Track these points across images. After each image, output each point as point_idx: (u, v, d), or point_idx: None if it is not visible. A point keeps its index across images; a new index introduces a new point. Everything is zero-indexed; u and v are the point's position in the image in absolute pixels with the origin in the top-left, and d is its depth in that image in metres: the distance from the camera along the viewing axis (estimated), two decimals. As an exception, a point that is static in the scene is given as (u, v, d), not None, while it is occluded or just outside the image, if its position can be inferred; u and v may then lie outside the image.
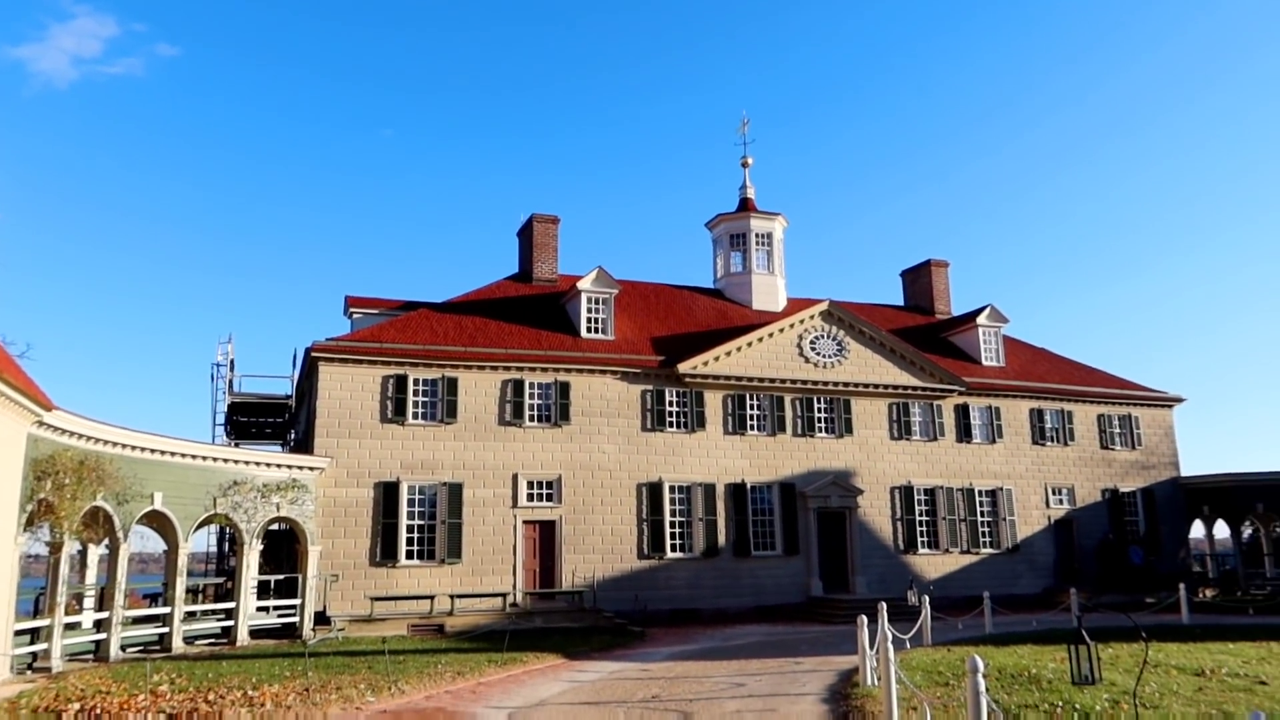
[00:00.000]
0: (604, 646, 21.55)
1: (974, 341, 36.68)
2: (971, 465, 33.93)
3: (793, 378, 31.60)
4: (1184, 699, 12.72)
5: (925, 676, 14.95)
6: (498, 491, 27.52)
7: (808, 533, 30.96)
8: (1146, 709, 11.99)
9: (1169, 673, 15.12)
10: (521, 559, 27.48)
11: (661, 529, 29.09)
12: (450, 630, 24.47)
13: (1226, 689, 13.55)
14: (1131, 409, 37.33)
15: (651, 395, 29.88)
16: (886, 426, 32.94)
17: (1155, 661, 16.34)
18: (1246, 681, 14.22)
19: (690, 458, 29.93)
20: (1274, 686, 13.76)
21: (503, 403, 28.12)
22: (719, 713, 12.86)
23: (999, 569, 33.37)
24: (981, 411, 34.59)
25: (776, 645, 21.81)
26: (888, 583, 31.42)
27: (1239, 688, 13.66)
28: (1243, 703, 12.41)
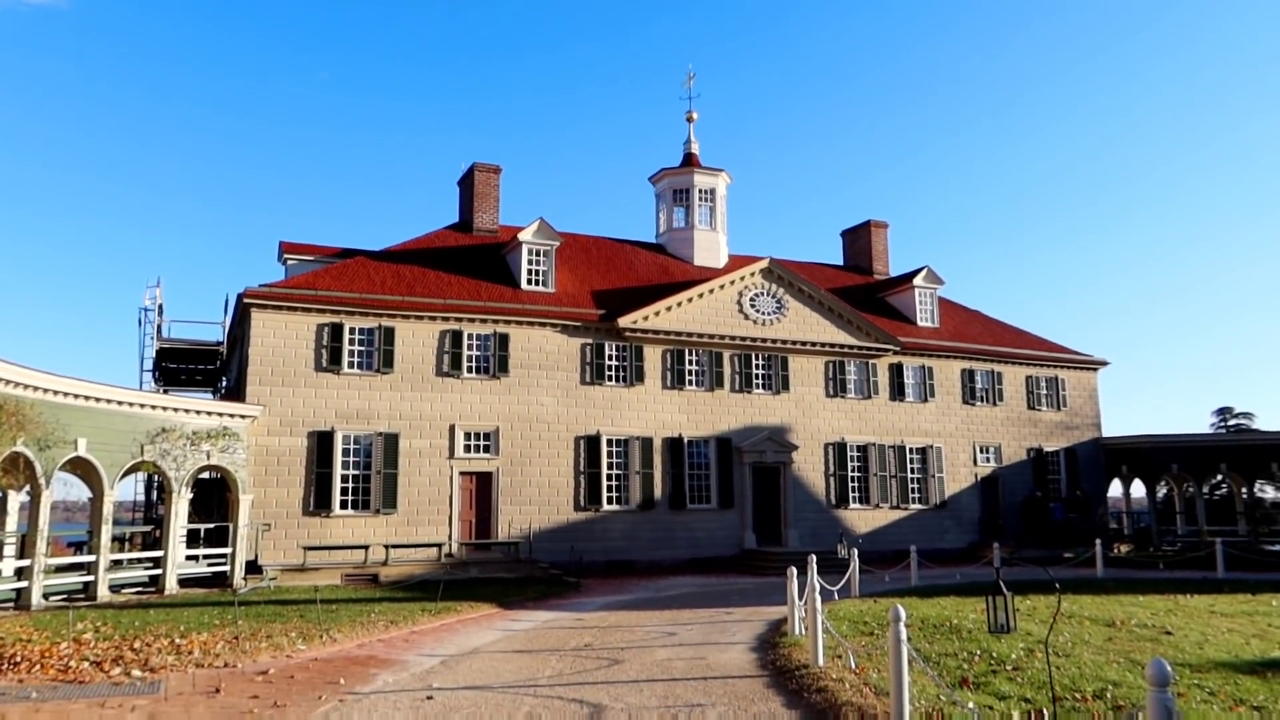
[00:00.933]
0: (539, 596, 21.71)
1: (910, 302, 37.24)
2: (904, 423, 34.63)
3: (732, 334, 31.80)
4: (1094, 648, 13.25)
5: (851, 626, 15.34)
6: (434, 442, 27.38)
7: (743, 487, 31.40)
8: (1058, 657, 12.47)
9: (1082, 623, 15.72)
10: (458, 510, 27.46)
11: (599, 481, 29.25)
12: (385, 580, 24.43)
13: (1134, 639, 14.14)
14: (1058, 371, 38.34)
15: (591, 349, 29.87)
16: (822, 384, 33.40)
17: (1069, 613, 16.97)
18: (1153, 632, 14.86)
19: (629, 411, 30.07)
20: (1178, 636, 14.40)
21: (441, 353, 27.88)
22: (649, 660, 13.08)
23: (927, 524, 34.25)
24: (915, 371, 35.24)
25: (709, 596, 22.16)
26: (819, 536, 32.07)
27: (1146, 638, 14.27)
28: (1149, 652, 12.98)
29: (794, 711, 9.91)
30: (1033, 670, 11.44)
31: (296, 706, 10.36)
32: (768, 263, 32.99)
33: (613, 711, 9.96)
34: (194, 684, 11.53)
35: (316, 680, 11.83)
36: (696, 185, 36.41)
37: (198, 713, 10.06)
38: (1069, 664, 11.96)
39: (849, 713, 9.47)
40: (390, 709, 10.23)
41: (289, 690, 11.21)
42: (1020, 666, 11.71)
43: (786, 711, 9.92)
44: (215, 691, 11.08)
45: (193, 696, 10.84)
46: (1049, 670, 10.87)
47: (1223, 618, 16.77)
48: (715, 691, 10.96)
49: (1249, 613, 17.48)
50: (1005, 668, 11.66)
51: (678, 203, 36.77)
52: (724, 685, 11.30)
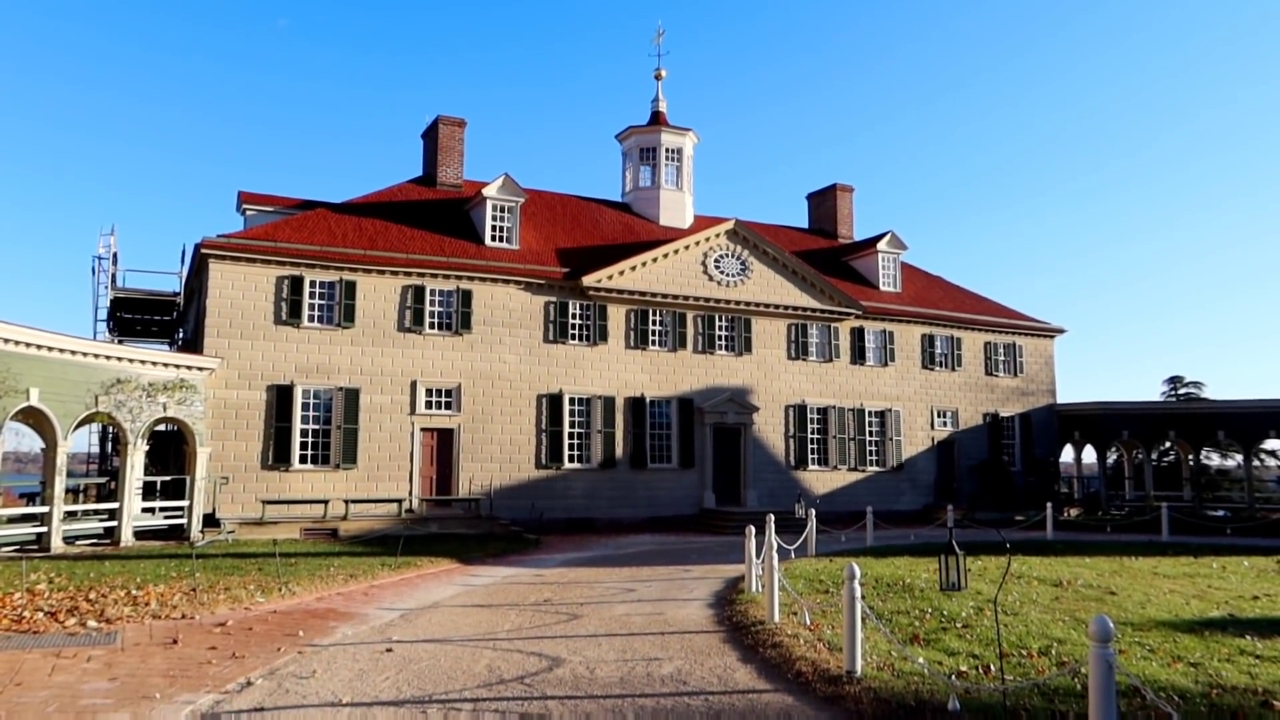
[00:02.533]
0: (499, 553, 21.83)
1: (873, 267, 37.49)
2: (864, 387, 35.02)
3: (696, 295, 31.87)
4: (1041, 606, 13.62)
5: (807, 584, 15.62)
6: (395, 398, 27.26)
7: (703, 447, 31.65)
8: (1007, 615, 12.81)
9: (1030, 583, 16.13)
10: (419, 466, 27.44)
11: (560, 440, 29.34)
12: (344, 535, 24.40)
13: (1080, 599, 14.56)
14: (1016, 338, 38.90)
15: (555, 307, 29.79)
16: (784, 347, 33.64)
17: (1019, 573, 17.40)
18: (1098, 592, 15.29)
19: (591, 370, 30.11)
20: (1122, 597, 14.84)
21: (402, 309, 27.68)
22: (608, 615, 13.24)
23: (884, 486, 34.80)
24: (876, 335, 35.58)
25: (668, 554, 22.43)
26: (778, 497, 32.48)
27: (1091, 597, 14.70)
28: (1093, 611, 13.37)
29: (749, 666, 10.11)
30: (982, 628, 11.75)
31: (255, 657, 10.39)
32: (733, 224, 33.01)
33: (571, 664, 10.10)
34: (151, 635, 11.51)
35: (275, 632, 11.85)
36: (663, 144, 36.22)
37: (155, 663, 10.06)
38: (1017, 622, 12.29)
39: (803, 666, 9.69)
40: (350, 660, 10.29)
41: (247, 642, 11.22)
42: (970, 624, 12.01)
43: (742, 665, 10.12)
44: (173, 642, 11.07)
45: (150, 647, 10.82)
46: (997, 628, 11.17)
47: (1165, 579, 17.29)
48: (672, 646, 11.14)
49: (1190, 574, 18.03)
50: (955, 625, 11.96)
51: (644, 161, 36.59)
52: (681, 640, 11.48)
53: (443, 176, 32.95)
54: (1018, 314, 39.69)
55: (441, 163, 32.97)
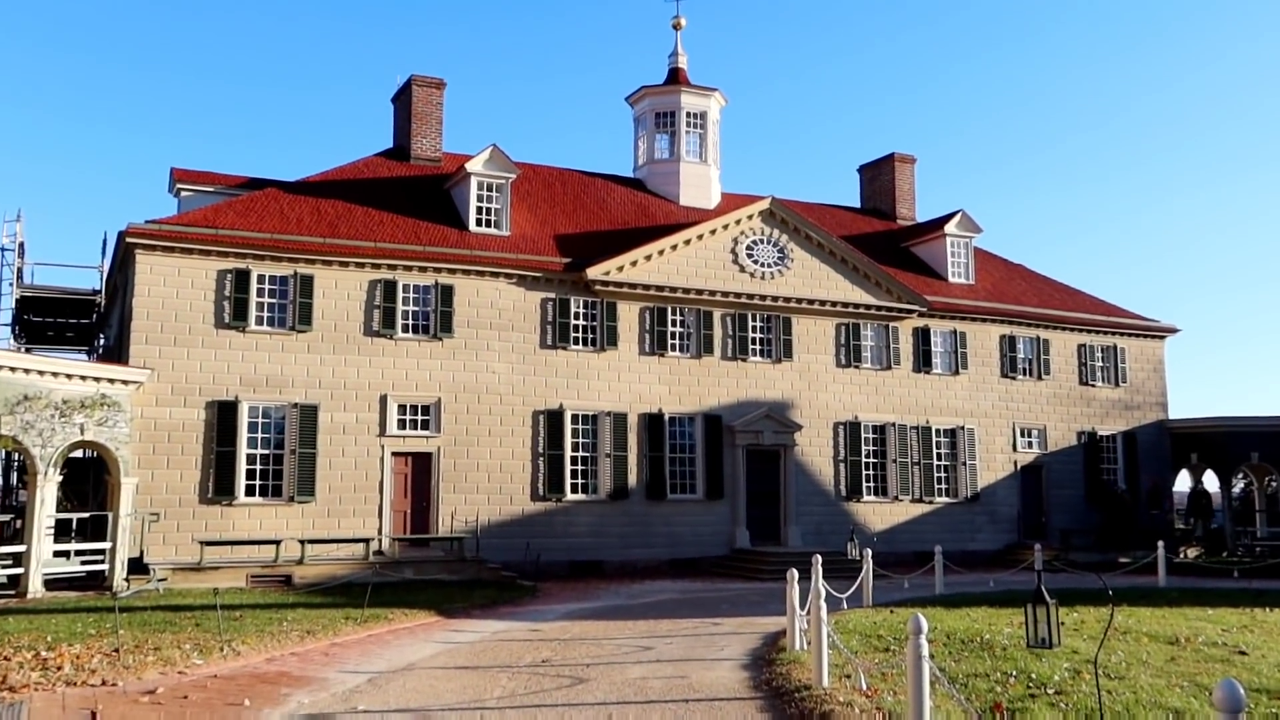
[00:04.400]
0: (487, 603, 21.82)
1: (940, 253, 37.36)
2: (930, 399, 34.85)
3: (725, 289, 31.79)
4: (1153, 669, 13.43)
5: (862, 640, 15.49)
6: (361, 416, 27.28)
7: (734, 474, 31.54)
8: (1110, 679, 12.63)
9: (1139, 640, 15.94)
10: (390, 498, 27.42)
11: (561, 466, 29.29)
12: (300, 582, 24.42)
13: (1202, 659, 14.35)
14: (1117, 339, 38.66)
15: (554, 305, 29.78)
16: (833, 351, 33.52)
17: (1124, 627, 17.21)
18: (1225, 651, 15.08)
19: (598, 382, 30.06)
20: (1254, 657, 14.63)
21: (370, 308, 27.71)
22: (620, 679, 13.14)
23: (955, 521, 34.60)
24: (944, 337, 35.42)
25: (693, 604, 22.31)
26: (825, 534, 32.34)
27: (1216, 658, 14.49)
28: (1219, 674, 13.17)
29: (793, 741, 9.98)
30: (1079, 695, 11.58)
31: (189, 733, 10.33)
32: (769, 203, 32.93)
33: (575, 740, 10.00)
34: (64, 706, 11.48)
35: (215, 701, 11.80)
36: (684, 108, 36.21)
37: (68, 739, 10.01)
38: (1123, 688, 12.12)
39: (859, 743, 9.55)
40: (304, 736, 10.22)
41: (181, 714, 11.18)
42: (1064, 690, 11.86)
43: (784, 741, 9.99)
44: (90, 716, 11.03)
45: (62, 720, 10.78)
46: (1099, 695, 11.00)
47: (1305, 634, 17.04)
48: (698, 717, 11.02)
49: (1336, 628, 17.77)
50: (1046, 691, 11.80)
51: (661, 129, 36.58)
52: (709, 710, 11.37)
53: (418, 149, 32.99)
54: (1119, 310, 39.46)
55: (416, 132, 33.02)
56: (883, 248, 37.83)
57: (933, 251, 37.68)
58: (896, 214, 40.81)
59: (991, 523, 35.42)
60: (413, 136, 33.01)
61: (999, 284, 38.28)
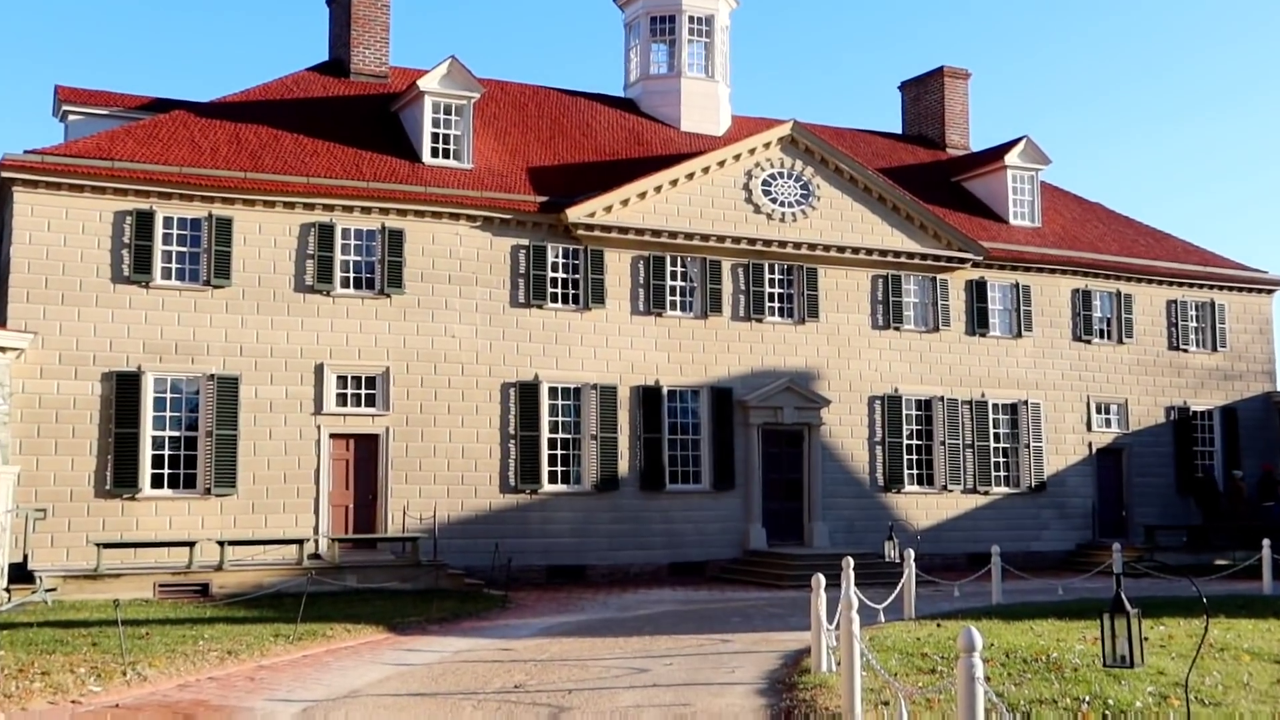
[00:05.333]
0: (448, 616, 21.86)
1: (1000, 190, 37.29)
2: (986, 368, 34.88)
3: (736, 234, 31.71)
4: (1256, 693, 13.48)
5: (903, 660, 15.52)
6: (293, 390, 27.24)
7: (748, 459, 31.60)
8: (1203, 705, 12.67)
9: (1239, 658, 15.99)
10: (328, 490, 27.44)
11: (536, 450, 29.30)
12: (219, 592, 24.46)
13: (1313, 679, 14.39)
14: (1215, 294, 38.64)
15: (527, 254, 29.70)
16: (868, 309, 33.49)
17: (1222, 643, 17.25)
18: (1341, 670, 15.12)
19: (581, 348, 30.03)
20: (1376, 676, 14.67)
21: (301, 258, 27.61)
22: (608, 709, 13.18)
23: (1017, 515, 34.71)
24: (1004, 292, 35.40)
25: (698, 616, 22.33)
26: (858, 532, 32.44)
27: (1330, 678, 14.53)
28: (1333, 697, 13.21)
29: (819, 781, 10.03)
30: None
31: (86, 773, 10.36)
32: (790, 128, 32.81)
33: (554, 781, 10.04)
34: (-68, 741, 11.47)
35: (116, 736, 11.80)
36: (685, 10, 35.99)
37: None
38: (1219, 716, 12.16)
39: (899, 782, 9.59)
40: (226, 777, 10.26)
41: (75, 750, 11.18)
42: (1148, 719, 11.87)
43: (808, 781, 10.04)
44: (-36, 752, 11.03)
45: (-69, 759, 10.80)
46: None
47: None
48: (705, 752, 11.05)
49: None
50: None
51: (657, 37, 36.38)
52: (718, 744, 11.38)
53: (359, 62, 32.79)
54: (1218, 259, 39.43)
55: (357, 41, 32.82)
56: (929, 183, 37.73)
57: (990, 187, 37.59)
58: (946, 142, 40.66)
59: (1060, 518, 35.55)
60: (353, 47, 32.78)
61: (1071, 227, 38.22)
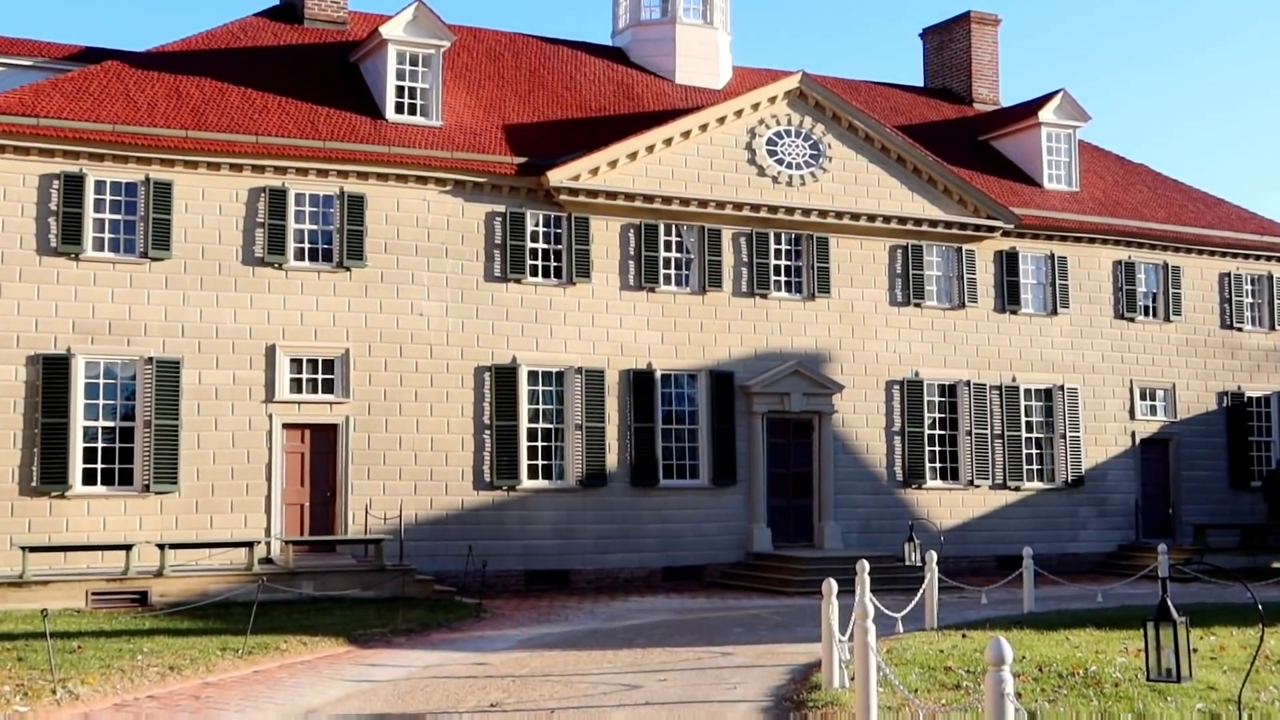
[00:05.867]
0: (416, 627, 21.91)
1: (1033, 150, 37.28)
2: (1017, 349, 34.91)
3: (738, 199, 31.68)
4: (1316, 709, 13.56)
5: (924, 674, 15.58)
6: (241, 376, 27.20)
7: (751, 452, 31.62)
8: (1258, 723, 12.74)
9: (1297, 671, 16.06)
10: (281, 487, 27.44)
11: (515, 442, 29.31)
12: (160, 601, 24.46)
13: (1380, 695, 14.48)
14: (1273, 266, 38.68)
15: (503, 222, 29.65)
16: (886, 284, 33.50)
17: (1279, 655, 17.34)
18: None
19: (565, 327, 30.01)
20: None
21: (250, 227, 27.55)
22: (596, 729, 13.21)
23: (1051, 513, 34.79)
24: (1038, 264, 35.42)
25: (695, 627, 22.40)
26: (875, 533, 32.49)
27: (1399, 693, 14.62)
28: (1402, 714, 13.30)
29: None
30: (1216, 743, 11.67)
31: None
32: (798, 81, 32.76)
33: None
34: None
35: (46, 761, 11.82)
36: (682, -52, 35.94)
37: None
38: (1274, 733, 12.22)
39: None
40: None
41: (0, 777, 11.19)
42: (1196, 737, 11.94)
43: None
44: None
45: None
46: (1242, 742, 11.09)
47: None
48: (703, 777, 11.10)
49: None
50: (1172, 739, 11.89)
51: (650, -22, 36.34)
52: (718, 767, 11.43)
53: (314, 6, 32.70)
54: (1277, 226, 39.43)
55: (312, -17, 32.76)
56: (954, 142, 37.72)
57: (1023, 147, 37.58)
58: (973, 96, 40.60)
59: (1100, 516, 35.64)
60: (307, -11, 32.74)
61: (1113, 191, 38.23)
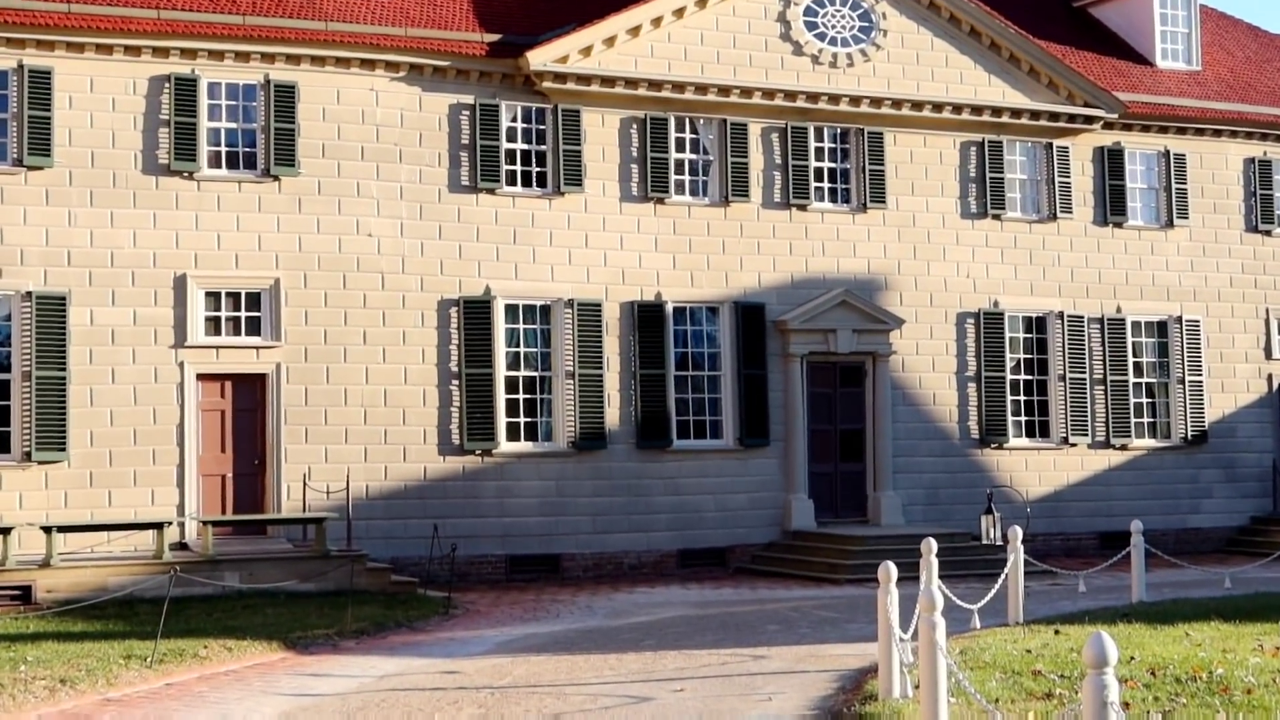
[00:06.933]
0: (369, 627, 21.88)
1: (1143, 19, 37.09)
2: (1123, 272, 34.83)
3: (768, 85, 31.54)
4: None
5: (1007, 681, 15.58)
6: (144, 314, 27.17)
7: (789, 405, 31.65)
8: None
9: None
10: (196, 454, 27.47)
11: (490, 394, 29.31)
12: (48, 598, 24.54)
13: None
14: None
15: (472, 117, 29.53)
16: (956, 190, 33.41)
17: None
18: None
19: (551, 249, 29.94)
20: None
21: (153, 126, 27.46)
22: (596, 752, 13.26)
23: (1167, 478, 34.85)
24: (1149, 163, 35.30)
25: (720, 624, 22.45)
26: (944, 504, 32.57)
27: None
28: None
29: None
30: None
31: None
32: (844, -67, 32.60)
33: None
34: None
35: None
36: None
37: None
38: None
39: None
40: None
41: None
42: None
43: None
44: None
45: None
46: None
47: None
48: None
49: None
50: (1319, 759, 11.89)
51: None
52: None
53: None
54: None
55: None
56: (1044, 9, 37.49)
57: (1130, 16, 37.37)
58: (1065, -50, 40.46)
59: (1227, 481, 35.70)
60: None
61: (1244, 71, 38.03)
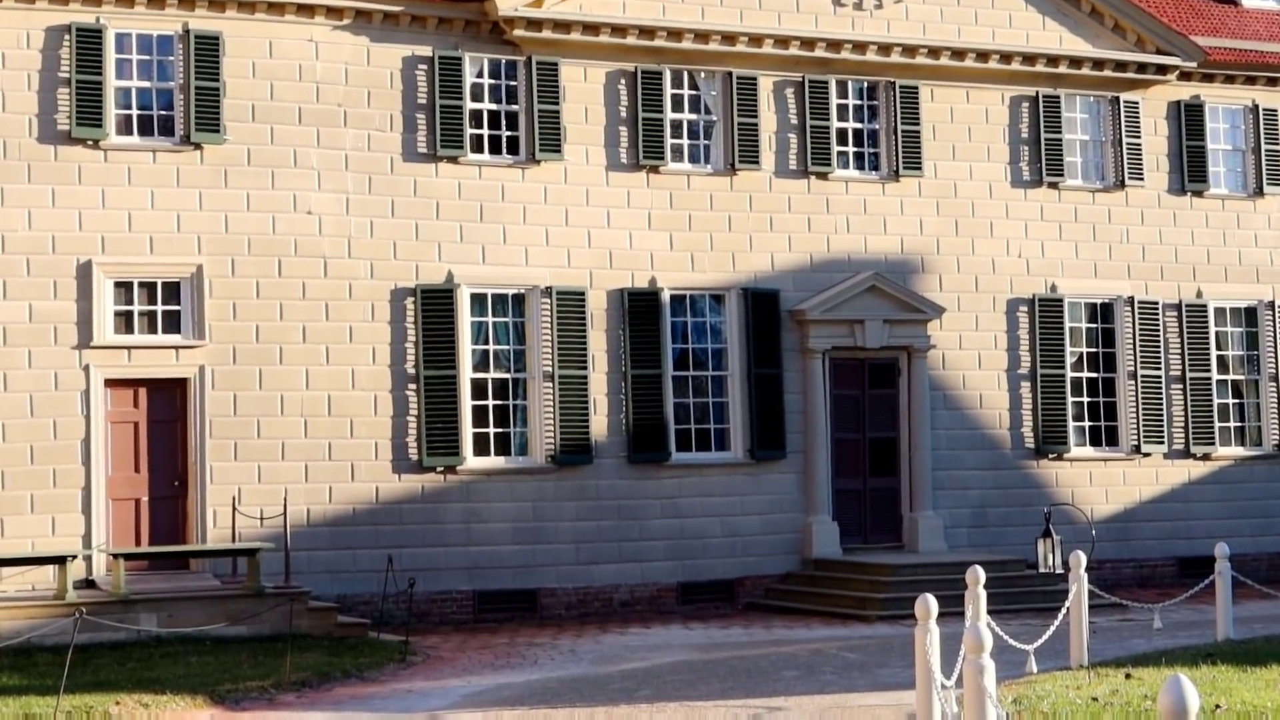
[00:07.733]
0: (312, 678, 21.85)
1: (1223, -51, 37.18)
2: (1204, 249, 34.89)
3: (782, 31, 31.57)
4: None
5: (1070, 735, 15.64)
6: (41, 308, 27.19)
7: (810, 409, 31.68)
8: None
9: None
10: (105, 474, 27.46)
11: (454, 400, 29.32)
12: (-71, 646, 24.59)
13: None
14: None
15: (429, 72, 29.55)
16: (1006, 154, 33.45)
17: None
18: None
19: (525, 227, 29.96)
20: None
21: (51, 85, 27.48)
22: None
23: (1258, 494, 34.92)
24: (1234, 120, 35.36)
25: (728, 671, 22.49)
26: (994, 526, 32.60)
27: None
28: None
29: None
30: None
31: None
32: None
33: None
34: None
35: None
36: None
37: None
38: None
39: None
40: None
41: None
42: None
43: None
44: None
45: None
46: None
47: None
48: None
49: None
50: None
51: None
52: None
53: None
54: None
55: None
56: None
57: (1207, -55, 37.50)
58: None
59: (1328, 496, 35.74)
60: None
61: (1342, 10, 38.14)
